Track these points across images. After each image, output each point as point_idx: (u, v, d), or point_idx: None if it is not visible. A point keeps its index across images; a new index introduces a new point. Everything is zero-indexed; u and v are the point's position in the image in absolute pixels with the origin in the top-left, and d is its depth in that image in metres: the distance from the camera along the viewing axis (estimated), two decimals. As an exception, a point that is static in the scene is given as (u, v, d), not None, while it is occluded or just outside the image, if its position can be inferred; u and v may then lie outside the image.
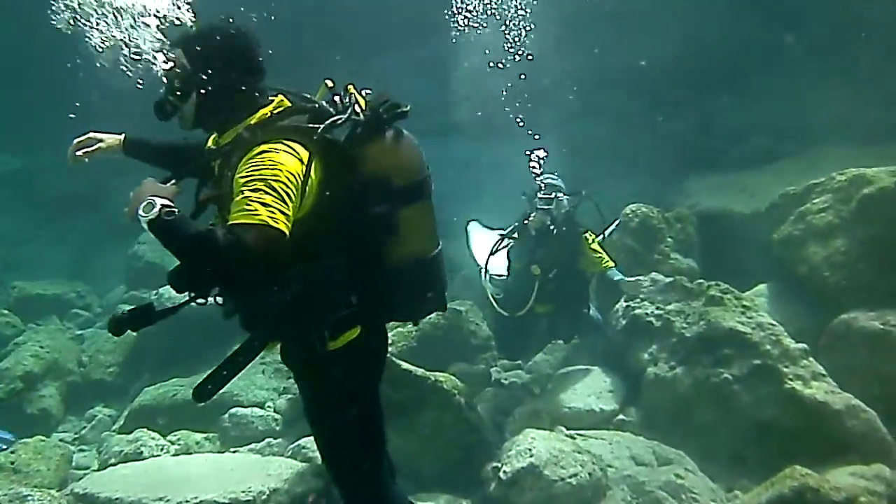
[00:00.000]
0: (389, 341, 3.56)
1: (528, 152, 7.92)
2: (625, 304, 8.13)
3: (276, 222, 2.51)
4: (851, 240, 7.55)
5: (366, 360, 3.21)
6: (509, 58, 9.83)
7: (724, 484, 6.06)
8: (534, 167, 7.65)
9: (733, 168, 12.40)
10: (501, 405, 7.63)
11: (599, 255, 7.56)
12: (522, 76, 8.78)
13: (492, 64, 10.08)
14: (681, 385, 6.82)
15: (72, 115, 4.96)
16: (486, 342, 9.03)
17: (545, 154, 7.85)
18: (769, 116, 13.53)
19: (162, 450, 7.61)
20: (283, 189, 2.59)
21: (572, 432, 6.69)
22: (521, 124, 8.59)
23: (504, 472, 5.76)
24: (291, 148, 2.72)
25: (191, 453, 7.44)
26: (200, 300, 2.86)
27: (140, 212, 2.46)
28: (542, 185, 7.48)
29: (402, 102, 3.02)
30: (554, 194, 7.24)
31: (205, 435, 8.04)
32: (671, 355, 7.17)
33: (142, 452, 7.46)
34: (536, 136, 8.31)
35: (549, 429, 6.65)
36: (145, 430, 7.90)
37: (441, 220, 3.35)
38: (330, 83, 3.09)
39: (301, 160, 2.71)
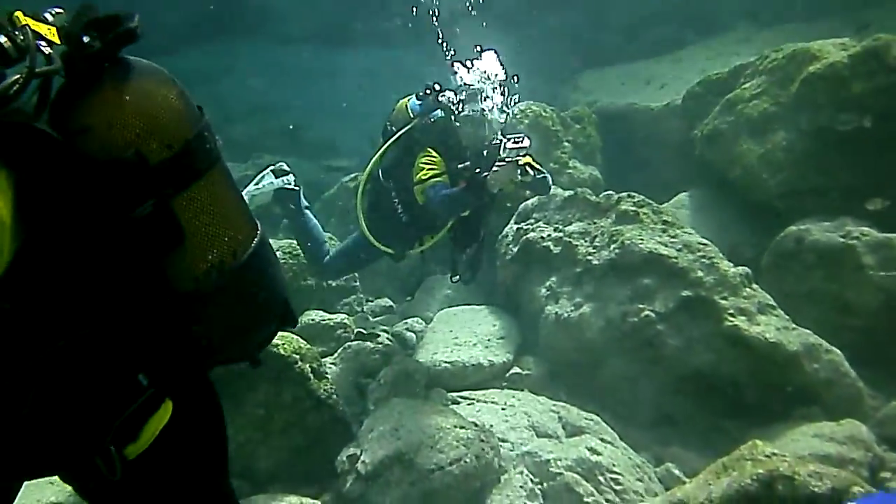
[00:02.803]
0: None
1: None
2: (515, 227, 7.19)
3: None
4: (795, 131, 6.83)
5: (193, 443, 2.20)
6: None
7: (652, 454, 5.37)
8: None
9: (634, 60, 12.07)
10: (366, 365, 6.46)
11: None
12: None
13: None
14: (589, 327, 5.95)
15: None
16: (349, 282, 7.97)
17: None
18: (669, 5, 13.43)
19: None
20: None
21: (455, 395, 5.88)
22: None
23: (363, 462, 4.85)
24: None
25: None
26: None
27: None
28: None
29: (121, 14, 1.88)
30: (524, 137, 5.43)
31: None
32: (576, 289, 6.26)
33: None
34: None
35: (424, 395, 5.83)
36: None
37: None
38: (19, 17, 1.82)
39: None
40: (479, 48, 5.90)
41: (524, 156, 5.17)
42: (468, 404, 5.71)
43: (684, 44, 12.05)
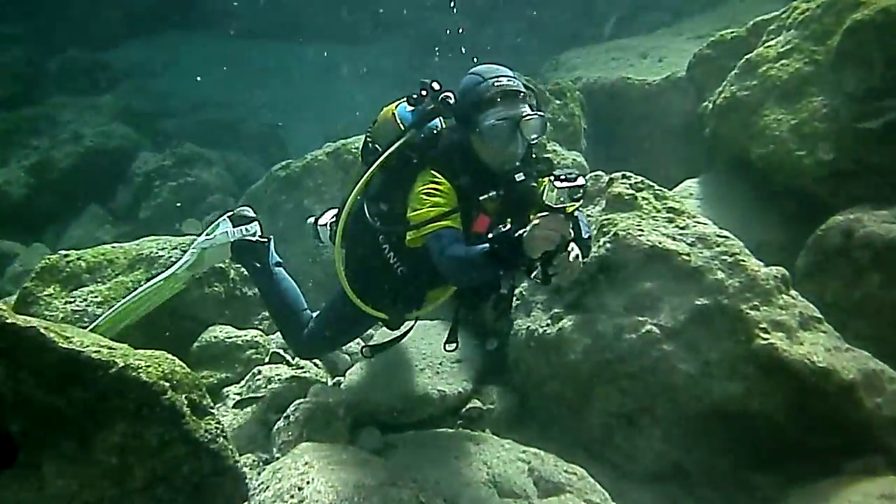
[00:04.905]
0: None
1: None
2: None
3: None
4: (838, 94, 5.92)
5: None
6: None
7: (654, 521, 4.57)
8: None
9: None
10: (279, 397, 5.42)
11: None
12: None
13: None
14: (572, 348, 4.95)
15: None
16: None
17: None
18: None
19: None
20: None
21: (392, 437, 4.98)
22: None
23: (252, 532, 4.01)
24: None
25: None
26: None
27: None
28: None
29: None
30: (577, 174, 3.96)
31: None
32: (554, 297, 5.33)
33: None
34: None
35: (349, 438, 4.88)
36: None
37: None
38: None
39: None
40: None
41: (577, 200, 3.60)
42: (408, 451, 4.79)
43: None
